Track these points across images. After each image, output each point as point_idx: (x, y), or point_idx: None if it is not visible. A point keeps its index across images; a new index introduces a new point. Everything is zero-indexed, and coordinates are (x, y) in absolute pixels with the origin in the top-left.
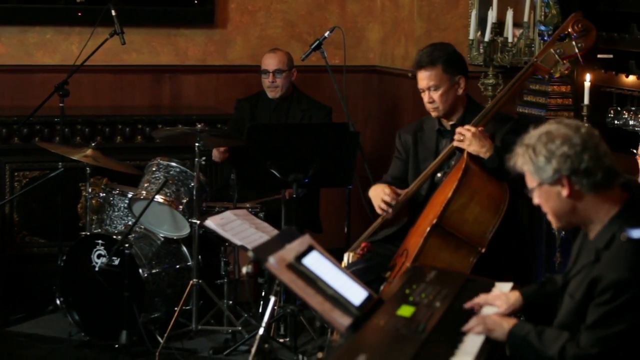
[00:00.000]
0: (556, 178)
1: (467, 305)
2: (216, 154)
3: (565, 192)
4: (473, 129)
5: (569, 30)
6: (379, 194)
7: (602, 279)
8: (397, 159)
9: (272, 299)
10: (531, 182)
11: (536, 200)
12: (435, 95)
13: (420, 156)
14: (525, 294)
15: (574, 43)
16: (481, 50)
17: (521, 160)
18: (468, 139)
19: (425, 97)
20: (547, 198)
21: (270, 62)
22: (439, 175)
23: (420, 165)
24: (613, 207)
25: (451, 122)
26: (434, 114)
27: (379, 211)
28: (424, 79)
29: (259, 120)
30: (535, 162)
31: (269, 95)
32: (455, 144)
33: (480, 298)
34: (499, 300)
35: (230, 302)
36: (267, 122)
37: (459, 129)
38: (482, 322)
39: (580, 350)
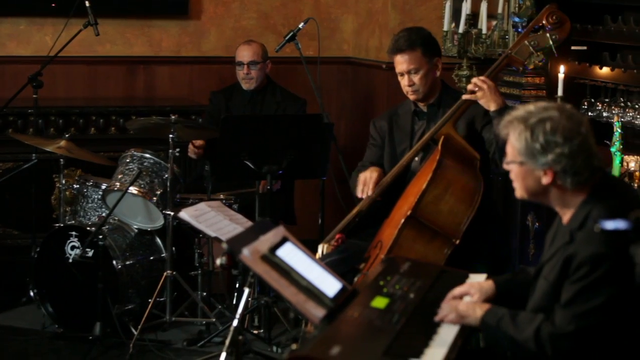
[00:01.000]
0: (544, 168)
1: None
2: (191, 150)
3: (546, 180)
4: (490, 82)
5: (543, 22)
6: (367, 176)
7: (576, 256)
8: (372, 146)
9: (246, 290)
10: (514, 155)
11: (512, 174)
12: (416, 78)
13: (396, 139)
14: (498, 283)
15: (548, 35)
16: (455, 42)
17: (515, 134)
18: (485, 90)
19: (405, 80)
20: (524, 176)
21: (245, 54)
22: (416, 159)
23: (396, 147)
24: (587, 190)
25: (428, 103)
26: (413, 97)
27: (359, 194)
28: (404, 62)
29: (234, 112)
30: (529, 145)
31: (244, 86)
32: (466, 96)
33: (454, 291)
34: (472, 289)
35: (204, 293)
36: (241, 114)
37: (474, 80)
38: (454, 309)
39: (555, 328)
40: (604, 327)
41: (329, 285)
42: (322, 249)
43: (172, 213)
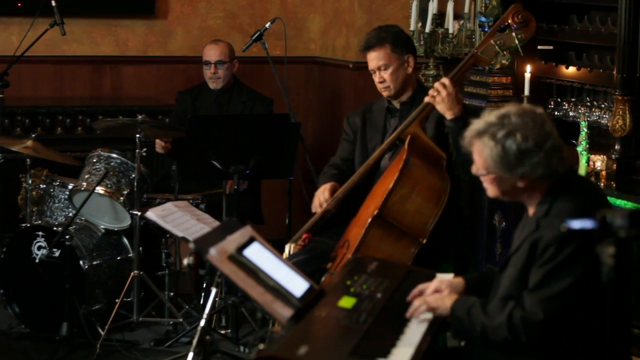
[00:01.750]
0: (520, 177)
1: (410, 297)
2: (159, 145)
3: (522, 184)
4: (451, 89)
5: (509, 21)
6: (320, 198)
7: (542, 238)
8: (344, 141)
9: (214, 290)
10: (486, 168)
11: (484, 181)
12: (386, 74)
13: (368, 135)
14: (467, 280)
15: (513, 34)
16: (422, 42)
17: (484, 149)
18: (443, 96)
19: (376, 77)
20: (499, 183)
21: (212, 54)
22: (386, 157)
23: (367, 144)
24: (550, 181)
25: (402, 101)
26: (385, 94)
27: (313, 209)
28: (374, 59)
29: (200, 112)
30: (503, 159)
31: (211, 86)
32: (427, 99)
33: (422, 286)
34: (442, 284)
35: (172, 293)
36: (208, 113)
37: (437, 83)
38: (424, 301)
39: (526, 312)
40: (574, 309)
41: (296, 285)
42: (289, 248)
43: (139, 213)
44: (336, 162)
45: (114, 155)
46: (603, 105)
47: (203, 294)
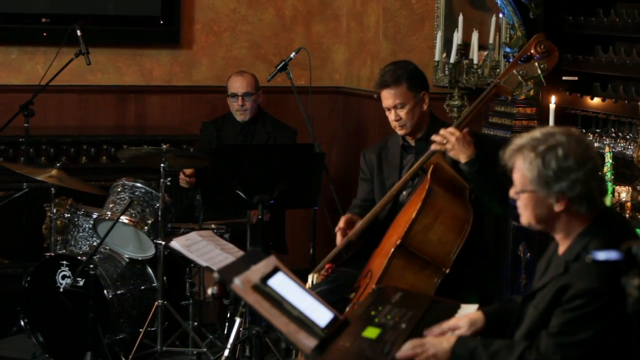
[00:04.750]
0: (558, 196)
1: (429, 334)
2: (183, 180)
3: (559, 207)
4: (458, 133)
5: (532, 51)
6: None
7: (571, 287)
8: (362, 181)
9: (238, 320)
10: (524, 184)
11: (520, 202)
12: (402, 112)
13: (384, 173)
14: (487, 314)
15: (536, 64)
16: (446, 72)
17: (525, 163)
18: (452, 142)
19: (392, 115)
20: (535, 204)
21: (239, 86)
22: (404, 193)
23: (385, 181)
24: (586, 221)
25: (417, 138)
26: (401, 132)
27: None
28: (390, 97)
29: (225, 142)
30: (542, 173)
31: (238, 118)
32: (434, 147)
33: (443, 325)
34: (460, 321)
35: (196, 323)
36: (232, 143)
37: (442, 131)
38: (420, 348)
39: (540, 355)
40: (594, 358)
41: (321, 315)
42: (312, 278)
43: (163, 242)
44: (357, 203)
45: (139, 185)
46: (628, 137)
47: (227, 323)
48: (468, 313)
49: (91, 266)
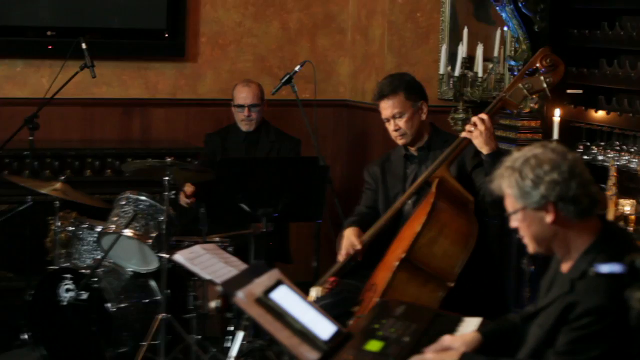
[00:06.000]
0: (542, 203)
1: (424, 349)
2: (183, 201)
3: (549, 218)
4: (489, 124)
5: (537, 65)
6: (348, 243)
7: (578, 305)
8: (367, 190)
9: (241, 333)
10: (513, 205)
11: (515, 223)
12: (401, 122)
13: (389, 184)
14: (483, 333)
15: (542, 78)
16: (451, 85)
17: (506, 182)
18: (479, 131)
19: (391, 126)
20: (529, 223)
21: (246, 97)
22: (409, 202)
23: (389, 192)
24: (589, 237)
25: (418, 147)
26: (401, 142)
27: (340, 258)
28: (388, 107)
29: (230, 152)
30: (521, 186)
31: (243, 128)
32: (464, 134)
33: (436, 345)
34: (455, 342)
35: (199, 336)
36: (237, 154)
37: (474, 118)
38: None
39: None
40: None
41: (323, 328)
42: (315, 292)
43: (167, 255)
44: (361, 210)
45: (143, 198)
46: (632, 150)
47: (230, 337)
48: (468, 330)
49: (94, 279)
